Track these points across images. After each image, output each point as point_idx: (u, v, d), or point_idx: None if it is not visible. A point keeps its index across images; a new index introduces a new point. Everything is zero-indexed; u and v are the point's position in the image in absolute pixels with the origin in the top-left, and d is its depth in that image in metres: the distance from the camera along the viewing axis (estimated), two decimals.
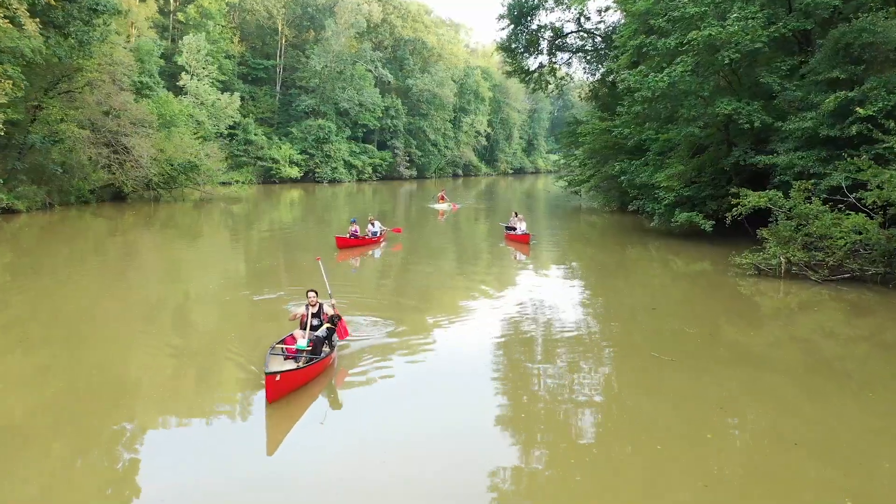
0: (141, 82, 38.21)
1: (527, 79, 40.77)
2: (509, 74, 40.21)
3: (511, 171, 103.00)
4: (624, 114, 22.68)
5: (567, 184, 41.61)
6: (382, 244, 21.66)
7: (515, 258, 19.99)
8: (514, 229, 21.98)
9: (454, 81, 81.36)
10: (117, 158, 31.39)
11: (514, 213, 23.62)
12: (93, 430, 7.00)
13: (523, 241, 20.75)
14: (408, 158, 75.79)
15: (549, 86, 41.35)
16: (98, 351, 9.96)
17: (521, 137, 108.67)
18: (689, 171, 20.82)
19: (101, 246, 22.89)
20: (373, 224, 21.80)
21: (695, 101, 17.98)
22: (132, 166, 32.44)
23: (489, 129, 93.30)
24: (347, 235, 20.07)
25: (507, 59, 39.97)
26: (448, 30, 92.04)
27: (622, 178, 23.79)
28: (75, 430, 6.99)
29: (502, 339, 10.86)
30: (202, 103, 54.12)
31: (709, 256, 18.69)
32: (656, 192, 21.23)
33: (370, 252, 20.55)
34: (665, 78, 17.39)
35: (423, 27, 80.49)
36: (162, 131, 34.88)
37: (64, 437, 6.82)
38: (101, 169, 31.97)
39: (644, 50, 19.47)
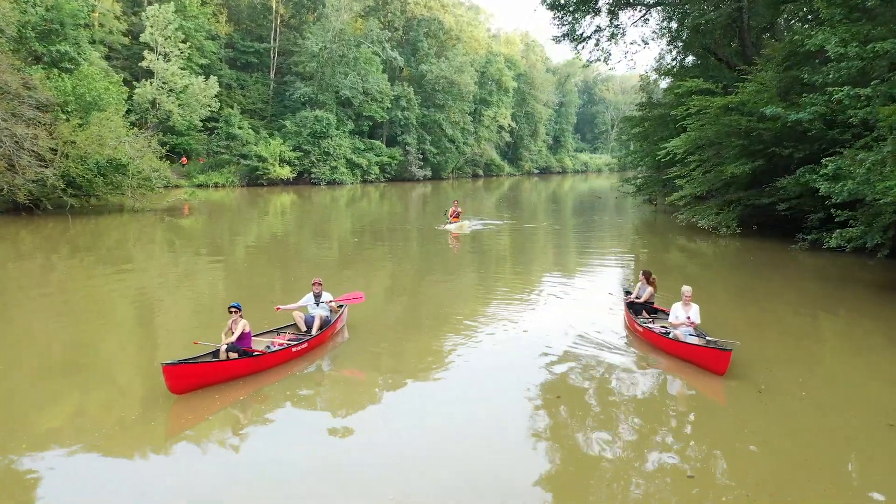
0: (59, 52, 28.31)
1: (579, 47, 30.32)
2: (557, 40, 29.86)
3: (536, 171, 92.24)
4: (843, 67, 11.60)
5: (636, 188, 31.08)
6: (338, 342, 9.82)
7: (682, 412, 7.59)
8: (652, 309, 10.49)
9: (474, 69, 70.89)
10: None
11: (643, 276, 10.85)
12: None
13: (715, 363, 8.17)
14: (421, 156, 65.16)
15: (610, 56, 30.69)
16: None
17: (546, 134, 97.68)
18: None
19: None
20: (318, 293, 9.99)
21: None
22: (27, 165, 22.49)
23: (513, 124, 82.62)
24: (214, 355, 8.04)
25: (555, 21, 29.52)
26: (467, 11, 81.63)
27: (840, 188, 12.38)
28: None
29: None
30: (171, 90, 44.49)
31: None
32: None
33: (287, 373, 8.43)
34: None
35: (440, 6, 70.06)
36: (75, 117, 24.83)
37: None
38: None
39: None
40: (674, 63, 30.47)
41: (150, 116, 44.29)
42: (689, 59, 29.62)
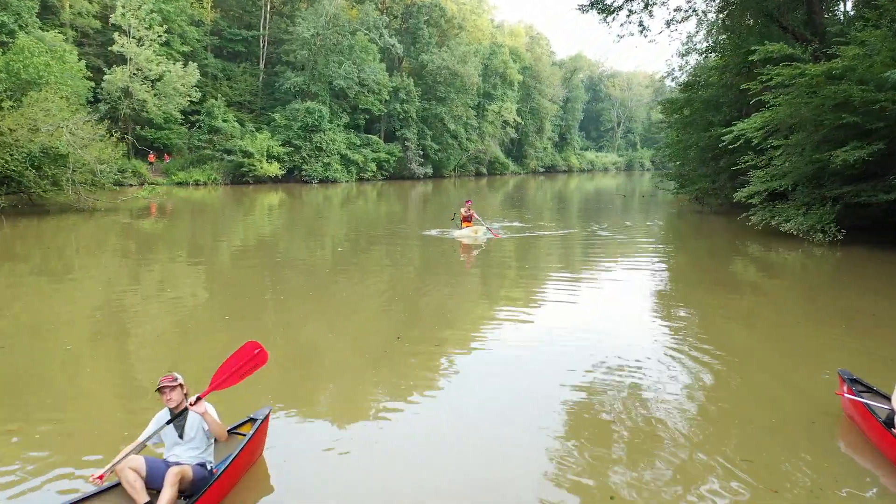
0: None
1: (609, 19, 25.86)
2: (584, 10, 25.36)
3: (542, 170, 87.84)
4: None
5: (679, 185, 26.72)
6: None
7: None
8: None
9: (478, 60, 66.44)
10: None
11: None
12: None
13: None
14: (421, 153, 60.60)
15: (647, 29, 26.17)
16: None
17: (552, 131, 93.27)
18: None
19: None
20: (176, 407, 4.33)
21: None
22: None
23: (518, 119, 78.22)
24: None
25: None
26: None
27: None
28: None
29: None
30: (146, 77, 40.13)
31: None
32: None
33: None
34: None
35: None
36: (6, 99, 20.33)
37: None
38: None
39: None
40: (725, 35, 26.01)
41: (122, 106, 39.92)
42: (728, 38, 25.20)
